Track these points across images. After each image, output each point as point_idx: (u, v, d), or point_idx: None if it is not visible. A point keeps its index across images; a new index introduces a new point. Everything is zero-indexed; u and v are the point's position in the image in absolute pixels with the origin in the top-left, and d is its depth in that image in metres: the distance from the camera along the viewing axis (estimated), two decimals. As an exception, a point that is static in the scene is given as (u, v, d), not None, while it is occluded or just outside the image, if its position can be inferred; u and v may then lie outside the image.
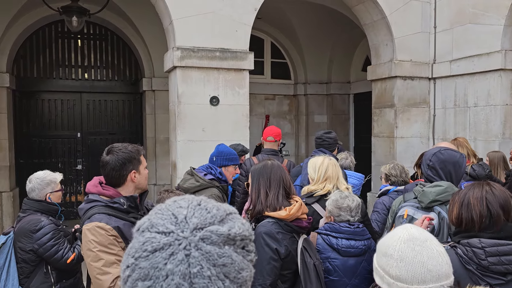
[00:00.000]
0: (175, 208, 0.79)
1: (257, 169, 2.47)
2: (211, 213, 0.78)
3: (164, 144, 8.10)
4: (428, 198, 2.32)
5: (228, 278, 0.74)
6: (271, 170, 2.43)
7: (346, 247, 2.61)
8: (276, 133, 4.51)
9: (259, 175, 2.43)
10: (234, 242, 0.77)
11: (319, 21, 8.62)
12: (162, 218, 0.78)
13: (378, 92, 6.53)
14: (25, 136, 8.28)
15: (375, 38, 6.43)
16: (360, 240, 2.64)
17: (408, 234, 1.34)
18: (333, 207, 2.74)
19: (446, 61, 6.03)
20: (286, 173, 2.49)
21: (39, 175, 3.18)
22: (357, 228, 2.66)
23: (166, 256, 0.73)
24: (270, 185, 2.39)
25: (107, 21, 8.20)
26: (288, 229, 2.33)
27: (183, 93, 5.25)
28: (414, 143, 6.25)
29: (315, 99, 9.54)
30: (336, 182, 3.07)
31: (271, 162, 2.49)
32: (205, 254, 0.73)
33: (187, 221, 0.76)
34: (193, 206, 0.79)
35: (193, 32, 5.27)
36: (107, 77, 8.76)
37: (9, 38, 7.49)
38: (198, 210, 0.79)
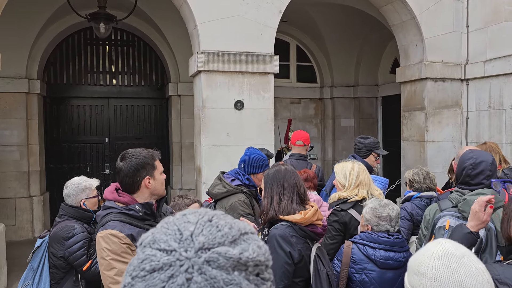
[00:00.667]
0: (182, 223, 0.69)
1: (270, 175, 2.41)
2: (222, 232, 0.68)
3: (189, 148, 8.11)
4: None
5: None
6: (285, 175, 2.36)
7: (385, 259, 2.46)
8: (305, 137, 4.43)
9: (272, 181, 2.37)
10: (246, 268, 0.66)
11: (346, 22, 8.47)
12: (166, 233, 0.68)
13: (407, 94, 6.33)
14: (55, 141, 8.46)
15: (404, 39, 6.24)
16: (399, 251, 2.49)
17: (443, 249, 1.20)
18: (371, 215, 2.58)
19: (480, 61, 5.78)
20: (300, 179, 2.43)
21: (74, 181, 3.15)
22: (396, 239, 2.51)
23: (164, 279, 0.64)
24: (283, 190, 2.33)
25: (134, 27, 8.30)
26: (302, 234, 2.27)
27: (207, 98, 5.21)
28: (446, 147, 6.01)
29: (341, 103, 9.37)
30: (369, 188, 2.96)
31: (285, 167, 2.42)
32: (210, 279, 0.63)
33: (193, 238, 0.66)
34: (203, 222, 0.69)
35: (217, 36, 5.24)
36: (134, 83, 8.87)
37: (40, 46, 7.68)
38: (207, 227, 0.68)
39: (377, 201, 2.65)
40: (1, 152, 6.83)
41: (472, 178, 2.29)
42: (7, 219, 7.19)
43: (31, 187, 7.59)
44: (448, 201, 2.39)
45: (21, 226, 7.50)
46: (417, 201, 3.46)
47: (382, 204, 2.60)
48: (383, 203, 2.61)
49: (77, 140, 8.58)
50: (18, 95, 7.31)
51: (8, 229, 6.50)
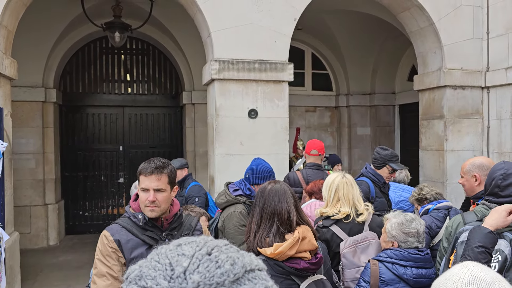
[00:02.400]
0: (175, 256, 0.58)
1: (257, 196, 2.12)
2: (222, 269, 0.56)
3: (203, 157, 8.06)
4: None
5: None
6: (266, 199, 2.05)
7: (418, 277, 2.32)
8: (320, 147, 4.36)
9: (254, 204, 2.09)
10: None
11: (362, 29, 8.36)
12: (155, 267, 0.57)
13: (425, 102, 6.17)
14: (70, 149, 8.51)
15: (422, 46, 6.10)
16: (429, 268, 2.36)
17: (471, 274, 1.08)
18: (398, 231, 2.44)
19: (501, 68, 5.61)
20: (288, 200, 2.06)
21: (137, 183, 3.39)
22: (426, 255, 2.39)
23: None
24: (261, 218, 2.03)
25: (148, 35, 8.34)
26: (279, 271, 1.92)
27: (221, 106, 5.16)
28: (466, 157, 5.81)
29: (358, 111, 9.23)
30: (352, 203, 2.82)
31: (271, 186, 2.10)
32: None
33: (186, 276, 0.55)
34: (200, 255, 0.57)
35: (231, 44, 5.19)
36: (149, 91, 8.89)
37: (57, 55, 7.77)
38: (205, 262, 0.56)
39: (402, 215, 2.52)
40: (17, 160, 6.88)
41: (502, 189, 2.16)
42: (22, 226, 7.22)
43: (46, 195, 7.63)
44: (473, 214, 2.26)
45: (36, 234, 7.53)
46: (434, 213, 3.32)
47: (408, 218, 2.47)
48: (409, 217, 2.48)
49: (92, 149, 8.62)
50: (35, 103, 7.38)
51: (23, 236, 6.53)
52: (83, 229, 8.50)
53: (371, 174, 3.83)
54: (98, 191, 8.64)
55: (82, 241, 8.00)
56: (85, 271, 6.23)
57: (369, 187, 3.74)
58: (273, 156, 5.12)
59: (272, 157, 5.13)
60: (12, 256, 4.79)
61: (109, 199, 8.71)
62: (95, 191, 8.63)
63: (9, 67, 4.75)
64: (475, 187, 2.73)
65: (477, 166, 2.74)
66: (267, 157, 5.25)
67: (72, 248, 7.51)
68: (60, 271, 6.27)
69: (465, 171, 2.77)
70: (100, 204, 8.66)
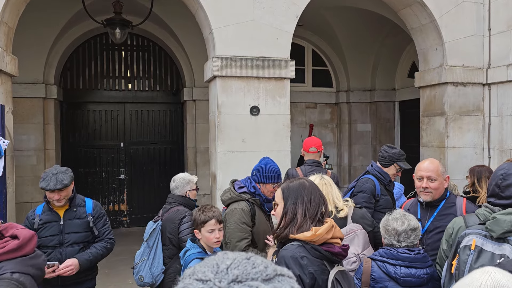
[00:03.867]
0: (221, 258, 0.73)
1: (294, 189, 2.11)
2: (256, 269, 0.70)
3: (204, 154, 8.07)
4: (502, 228, 1.94)
5: None
6: (311, 191, 2.10)
7: (406, 276, 2.34)
8: (318, 144, 4.39)
9: (296, 196, 2.09)
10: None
11: (362, 26, 8.35)
12: (205, 265, 0.73)
13: (426, 99, 6.18)
14: (71, 146, 8.51)
15: (423, 43, 6.10)
16: (421, 268, 2.35)
17: (493, 281, 1.05)
18: (381, 226, 2.51)
19: (503, 65, 5.61)
20: (323, 194, 2.20)
21: (181, 175, 3.83)
22: (417, 255, 2.38)
23: None
24: (310, 207, 2.07)
25: (149, 32, 8.32)
26: (316, 254, 1.97)
27: (223, 103, 5.16)
28: (467, 154, 5.85)
29: (358, 107, 9.23)
30: (332, 202, 2.91)
31: (309, 182, 2.17)
32: None
33: (228, 271, 0.69)
34: (240, 259, 0.73)
35: (233, 41, 5.18)
36: (149, 88, 8.88)
37: (57, 52, 7.75)
38: (243, 263, 0.71)
39: (396, 212, 2.53)
40: (19, 157, 6.88)
41: (502, 190, 2.12)
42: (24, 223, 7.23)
43: (48, 192, 7.62)
44: (475, 216, 2.21)
45: (37, 231, 7.53)
46: None
47: (394, 216, 2.49)
48: (398, 215, 2.49)
49: (93, 145, 8.62)
50: (36, 100, 7.37)
51: (24, 233, 6.53)
52: (84, 226, 8.50)
53: (377, 172, 3.84)
54: (99, 187, 8.65)
55: (83, 237, 8.00)
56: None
57: (375, 185, 3.76)
58: (275, 153, 5.13)
59: (274, 154, 5.13)
60: (15, 253, 4.80)
61: (110, 195, 8.72)
62: (96, 188, 8.63)
63: (10, 64, 4.74)
64: (443, 189, 2.77)
65: (443, 168, 2.81)
66: (269, 154, 5.25)
67: (74, 245, 7.52)
68: (62, 267, 6.28)
69: (440, 173, 2.74)
70: (101, 200, 8.66)
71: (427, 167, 2.79)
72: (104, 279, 5.77)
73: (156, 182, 8.92)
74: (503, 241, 1.95)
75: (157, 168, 8.93)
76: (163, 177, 8.97)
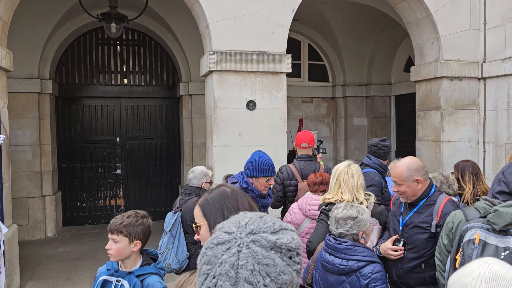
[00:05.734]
0: (242, 217, 1.00)
1: (215, 201, 1.71)
2: (267, 224, 0.96)
3: (200, 148, 8.07)
4: (504, 220, 1.93)
5: (269, 277, 0.89)
6: (237, 198, 1.73)
7: (325, 262, 2.51)
8: (310, 139, 4.38)
9: (222, 209, 1.69)
10: (281, 250, 0.92)
11: (359, 20, 8.34)
12: (230, 222, 0.99)
13: (422, 93, 6.20)
14: (67, 141, 8.48)
15: (419, 37, 6.11)
16: (341, 258, 2.42)
17: (491, 271, 1.05)
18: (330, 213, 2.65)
19: (498, 59, 5.64)
20: (249, 198, 1.85)
21: (199, 168, 4.07)
22: (338, 244, 2.44)
23: (224, 249, 0.92)
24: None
25: (145, 27, 8.28)
26: None
27: (219, 98, 5.16)
28: (463, 148, 5.88)
29: (354, 102, 9.25)
30: (353, 191, 2.94)
31: (232, 188, 1.80)
32: (253, 252, 0.90)
33: (246, 226, 0.96)
34: (256, 217, 0.99)
35: (229, 36, 5.17)
36: (145, 82, 8.85)
37: (52, 46, 7.70)
38: (258, 220, 0.97)
39: (350, 203, 2.65)
40: (14, 152, 6.85)
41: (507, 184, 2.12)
42: (20, 218, 7.22)
43: (44, 187, 7.62)
44: (474, 209, 2.21)
45: (33, 226, 7.53)
46: None
47: (341, 204, 2.60)
48: (344, 204, 2.59)
49: (89, 140, 8.60)
50: (31, 95, 7.33)
51: (21, 228, 6.53)
52: (81, 221, 8.51)
53: (378, 165, 3.88)
54: (95, 182, 8.64)
55: (80, 232, 8.01)
56: (84, 262, 6.27)
57: (381, 178, 3.80)
58: (271, 147, 5.14)
59: (271, 148, 5.15)
60: (11, 248, 4.80)
61: (106, 190, 8.71)
62: (92, 183, 8.62)
63: (4, 58, 4.71)
64: (417, 190, 2.72)
65: (415, 170, 2.70)
66: (265, 148, 5.26)
67: (70, 240, 7.53)
68: (59, 262, 6.29)
69: (404, 178, 2.68)
70: (97, 195, 8.66)
71: (393, 172, 2.80)
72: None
73: (152, 177, 8.91)
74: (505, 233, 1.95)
75: (153, 163, 8.93)
76: (159, 172, 8.97)
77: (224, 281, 0.89)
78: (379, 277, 2.36)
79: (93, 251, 6.79)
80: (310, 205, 3.41)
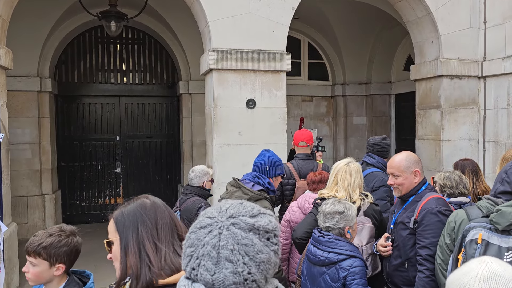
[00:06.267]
0: (223, 204, 1.08)
1: (131, 214, 1.50)
2: (246, 209, 1.05)
3: (200, 147, 8.06)
4: (507, 220, 1.90)
5: (248, 256, 0.98)
6: (155, 210, 1.52)
7: (309, 253, 2.61)
8: (308, 138, 4.34)
9: (136, 223, 1.47)
10: (259, 232, 1.01)
11: (358, 19, 8.33)
12: (213, 208, 1.08)
13: (422, 92, 6.19)
14: (67, 139, 8.47)
15: (419, 36, 6.10)
16: (322, 250, 2.53)
17: (489, 270, 1.05)
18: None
19: (498, 58, 5.63)
20: (173, 212, 1.61)
21: (200, 167, 4.13)
22: (321, 237, 2.56)
23: (206, 232, 1.01)
24: (158, 234, 1.46)
25: (145, 25, 8.27)
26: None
27: (219, 96, 5.15)
28: (463, 146, 5.88)
29: (354, 100, 9.24)
30: (348, 190, 2.92)
31: (152, 200, 1.58)
32: (233, 234, 0.99)
33: (227, 211, 1.04)
34: (236, 203, 1.07)
35: (229, 34, 5.16)
36: (145, 81, 8.84)
37: (51, 45, 7.69)
38: (237, 205, 1.06)
39: (338, 200, 2.72)
40: (14, 151, 6.84)
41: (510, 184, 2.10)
42: (19, 217, 7.22)
43: (43, 185, 7.61)
44: (477, 209, 2.18)
45: (33, 224, 7.52)
46: None
47: (330, 201, 2.67)
48: (332, 200, 2.67)
49: (88, 138, 8.59)
50: (30, 93, 7.32)
51: (20, 227, 6.52)
52: (81, 219, 8.50)
53: (382, 164, 3.87)
54: (95, 181, 8.63)
55: (80, 231, 7.98)
56: (83, 261, 6.23)
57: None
58: (271, 146, 5.11)
59: (271, 147, 5.10)
60: (11, 247, 4.80)
61: (106, 189, 8.71)
62: (92, 181, 8.61)
63: (4, 56, 4.70)
64: (414, 183, 2.67)
65: (414, 162, 2.68)
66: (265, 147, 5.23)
67: (70, 238, 7.52)
68: (59, 261, 6.27)
69: (403, 168, 2.65)
70: (97, 194, 8.66)
71: (390, 164, 2.77)
72: (101, 272, 5.77)
73: (152, 175, 8.91)
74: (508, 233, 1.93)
75: (153, 162, 8.92)
76: (159, 171, 8.96)
77: (206, 260, 0.98)
78: (357, 271, 2.41)
79: (93, 250, 6.77)
80: (309, 204, 3.40)
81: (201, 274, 0.99)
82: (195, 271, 1.00)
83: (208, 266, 0.98)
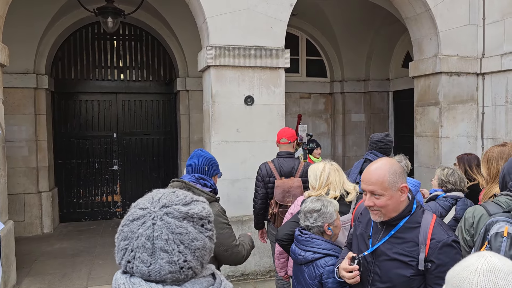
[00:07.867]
0: (155, 193, 1.08)
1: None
2: (179, 198, 1.05)
3: (198, 144, 8.03)
4: None
5: (183, 244, 1.00)
6: None
7: (291, 252, 2.66)
8: (290, 135, 4.24)
9: None
10: (193, 220, 1.03)
11: (357, 16, 8.31)
12: (144, 199, 1.07)
13: (421, 89, 6.18)
14: (63, 136, 8.43)
15: (418, 32, 6.08)
16: (300, 249, 2.55)
17: (488, 264, 1.05)
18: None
19: (497, 55, 5.62)
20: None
21: None
22: (299, 236, 2.58)
23: (139, 224, 1.01)
24: None
25: (142, 21, 8.22)
26: None
27: (217, 93, 5.12)
28: (461, 143, 5.87)
29: (352, 97, 9.23)
30: (341, 187, 2.93)
31: None
32: (166, 224, 1.00)
33: (159, 201, 1.04)
34: (168, 192, 1.07)
35: (227, 30, 5.13)
36: (142, 78, 8.80)
37: (48, 41, 7.63)
38: (170, 195, 1.06)
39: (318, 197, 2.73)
40: (10, 148, 6.79)
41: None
42: (16, 215, 7.18)
43: (40, 183, 7.57)
44: (495, 204, 2.18)
45: (30, 222, 7.49)
46: (442, 201, 3.23)
47: (309, 199, 2.68)
48: (311, 199, 2.67)
49: (85, 136, 8.55)
50: (27, 90, 7.27)
51: (17, 225, 6.48)
52: (78, 217, 8.47)
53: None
54: (92, 178, 8.59)
55: (77, 228, 7.97)
56: (81, 258, 6.24)
57: None
58: (269, 143, 5.12)
59: (269, 144, 5.13)
60: (7, 245, 4.77)
61: (103, 186, 8.67)
62: (89, 179, 8.58)
63: (0, 53, 4.65)
64: (400, 203, 1.97)
65: (400, 174, 1.97)
66: (263, 144, 5.26)
67: (67, 236, 7.49)
68: (56, 259, 6.25)
69: (387, 185, 1.91)
70: (94, 191, 8.62)
71: (367, 178, 1.97)
72: (98, 270, 5.75)
73: (150, 172, 8.88)
74: None
75: (150, 159, 8.89)
76: (156, 168, 8.93)
77: (142, 252, 0.98)
78: (332, 270, 2.38)
79: (90, 248, 6.76)
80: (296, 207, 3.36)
81: (136, 266, 0.99)
82: (131, 263, 1.00)
83: (143, 258, 0.98)
